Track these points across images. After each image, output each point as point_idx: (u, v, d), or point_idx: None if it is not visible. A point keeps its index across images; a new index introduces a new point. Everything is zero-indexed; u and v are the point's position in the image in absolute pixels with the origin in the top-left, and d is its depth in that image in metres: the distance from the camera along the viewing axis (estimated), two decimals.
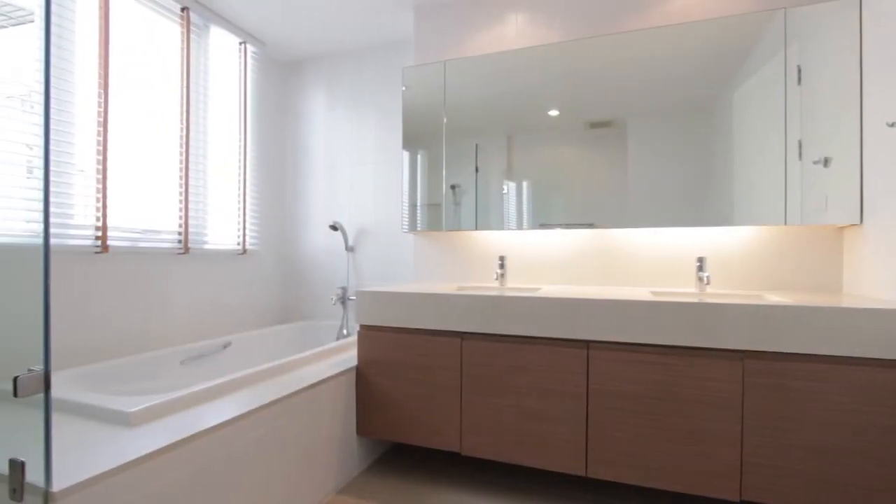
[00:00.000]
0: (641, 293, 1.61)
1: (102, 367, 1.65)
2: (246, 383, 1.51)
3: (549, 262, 2.03)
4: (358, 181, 2.62)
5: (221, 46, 2.36)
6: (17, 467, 0.86)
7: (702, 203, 1.74)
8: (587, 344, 1.46)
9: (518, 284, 2.04)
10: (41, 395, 0.86)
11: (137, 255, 1.93)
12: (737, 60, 1.70)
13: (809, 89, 1.61)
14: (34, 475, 0.87)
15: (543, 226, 1.97)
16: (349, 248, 2.60)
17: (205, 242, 2.24)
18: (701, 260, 1.69)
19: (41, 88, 1.58)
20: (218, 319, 2.34)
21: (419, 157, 2.21)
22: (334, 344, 2.01)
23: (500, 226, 2.04)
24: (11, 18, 1.63)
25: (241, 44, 2.44)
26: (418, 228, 2.21)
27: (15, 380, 0.80)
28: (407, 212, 2.23)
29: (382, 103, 2.56)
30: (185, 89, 2.11)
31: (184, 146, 2.11)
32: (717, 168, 1.72)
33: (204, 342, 2.09)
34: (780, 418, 1.27)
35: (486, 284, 2.06)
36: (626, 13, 1.91)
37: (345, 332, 2.49)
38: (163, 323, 2.04)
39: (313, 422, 1.53)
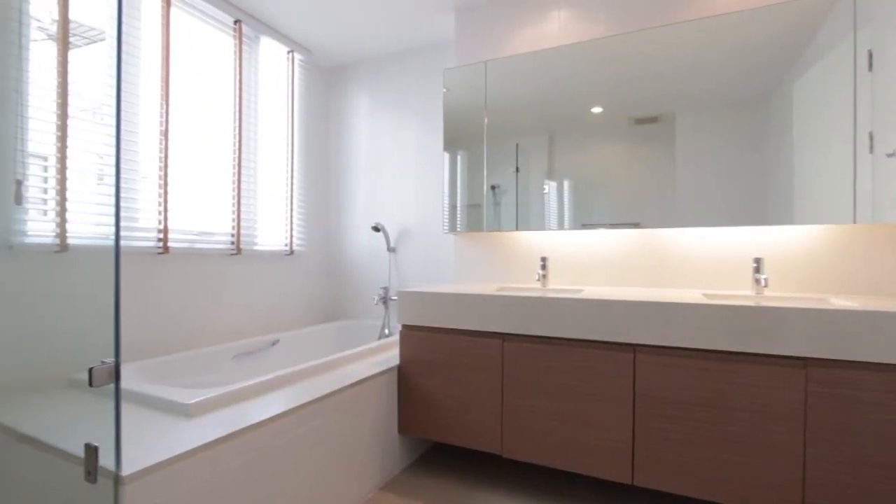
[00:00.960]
0: (693, 295, 1.54)
1: (163, 361, 1.76)
2: (294, 379, 1.56)
3: (592, 262, 1.98)
4: (399, 183, 2.66)
5: (271, 56, 2.46)
6: (92, 451, 0.94)
7: (758, 201, 1.64)
8: (634, 348, 1.41)
9: (560, 285, 2.01)
10: (112, 386, 0.93)
11: (194, 256, 2.04)
12: (797, 48, 1.59)
13: (882, 76, 1.48)
14: (105, 459, 0.95)
15: (586, 226, 1.92)
16: (391, 249, 2.64)
17: (255, 244, 2.35)
18: (758, 261, 1.60)
19: (110, 102, 1.71)
20: (267, 317, 2.44)
21: (459, 157, 2.22)
22: (376, 343, 2.04)
23: (541, 226, 2.02)
24: (85, 38, 1.77)
25: (288, 52, 2.54)
26: (458, 229, 2.21)
27: (90, 371, 0.87)
28: (447, 213, 2.24)
29: (423, 105, 2.59)
30: (237, 98, 2.22)
31: (236, 152, 2.21)
32: (776, 163, 1.62)
33: (254, 339, 2.19)
34: (851, 432, 1.18)
35: (527, 285, 2.04)
36: (675, 4, 1.83)
37: (386, 331, 2.53)
38: (216, 320, 2.15)
39: (357, 419, 1.57)
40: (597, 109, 1.90)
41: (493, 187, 2.14)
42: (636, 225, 1.83)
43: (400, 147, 2.66)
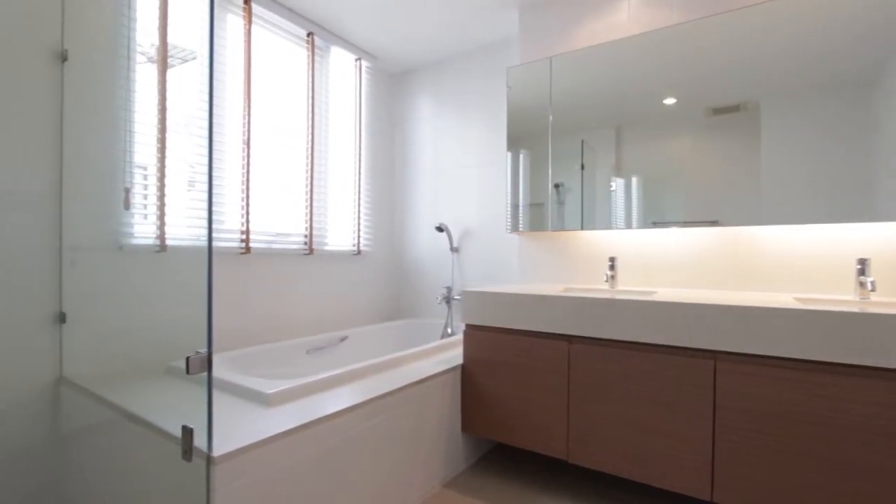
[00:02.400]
0: (783, 299, 1.41)
1: (244, 352, 1.90)
2: (362, 375, 1.62)
3: (664, 263, 1.87)
4: (462, 183, 2.68)
5: (340, 64, 2.58)
6: (188, 433, 1.03)
7: (863, 193, 1.47)
8: (714, 355, 1.32)
9: (630, 287, 1.92)
10: (205, 374, 1.02)
11: (272, 256, 2.19)
12: None
13: None
14: (198, 440, 1.04)
15: (656, 224, 1.82)
16: (454, 249, 2.66)
17: (325, 244, 2.47)
18: (863, 262, 1.43)
19: (200, 115, 1.87)
20: (336, 314, 2.56)
21: (521, 156, 2.19)
22: (440, 342, 2.07)
23: (608, 225, 1.94)
24: (178, 58, 1.96)
25: (356, 60, 2.64)
26: (521, 229, 2.19)
27: (187, 360, 0.96)
28: (510, 212, 2.22)
29: (486, 105, 2.58)
30: (310, 106, 2.35)
31: (309, 157, 2.34)
32: (884, 151, 1.44)
33: (324, 335, 2.30)
34: None
35: (594, 286, 1.97)
36: None
37: (449, 330, 2.55)
38: (291, 316, 2.29)
39: (421, 415, 1.60)
40: (670, 101, 1.80)
41: (556, 185, 2.09)
42: (714, 223, 1.71)
43: (463, 148, 2.68)
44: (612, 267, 1.87)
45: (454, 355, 1.96)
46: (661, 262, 1.88)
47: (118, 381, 1.50)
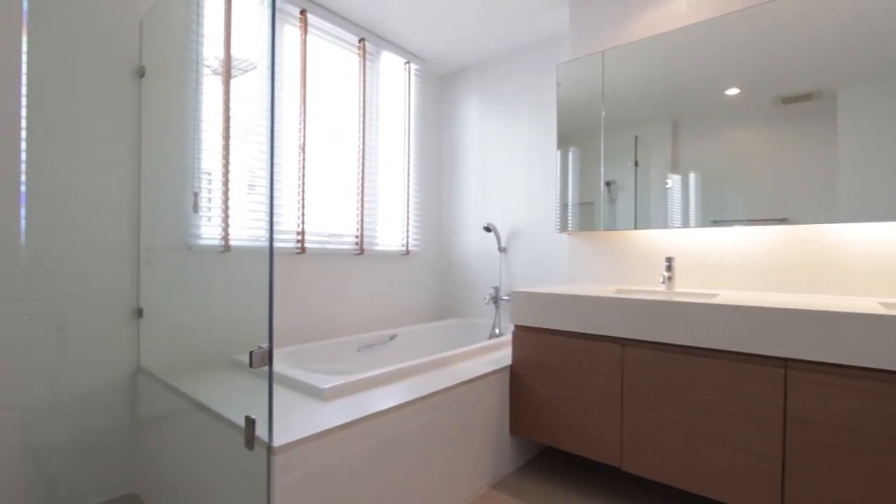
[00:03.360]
0: (866, 304, 1.29)
1: (299, 348, 1.99)
2: (412, 373, 1.65)
3: (727, 264, 1.76)
4: (510, 183, 2.66)
5: (390, 68, 2.64)
6: (251, 423, 1.09)
7: None
8: (785, 362, 1.23)
9: (688, 289, 1.83)
10: (265, 368, 1.08)
11: (325, 256, 2.27)
12: None
13: None
14: (259, 431, 1.10)
15: (717, 223, 1.72)
16: (502, 249, 2.65)
17: (376, 244, 2.53)
18: None
19: (259, 122, 1.98)
20: (386, 313, 2.61)
21: (571, 154, 2.14)
22: (488, 342, 2.07)
23: (663, 224, 1.85)
24: (239, 69, 2.07)
25: (405, 63, 2.69)
26: (570, 228, 2.14)
27: (251, 354, 1.02)
28: (562, 212, 2.18)
29: (535, 104, 2.55)
30: (361, 110, 2.42)
31: (360, 160, 2.41)
32: None
33: (374, 333, 2.36)
34: None
35: (649, 288, 1.90)
36: None
37: (497, 331, 2.54)
38: (342, 314, 2.37)
39: (470, 415, 1.60)
40: (732, 91, 1.69)
41: (608, 184, 2.02)
42: (782, 221, 1.59)
43: (510, 147, 2.66)
44: (668, 268, 1.79)
45: (502, 356, 1.95)
46: (723, 263, 1.78)
47: (187, 372, 1.61)
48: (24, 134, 1.43)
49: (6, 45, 1.40)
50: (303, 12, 2.14)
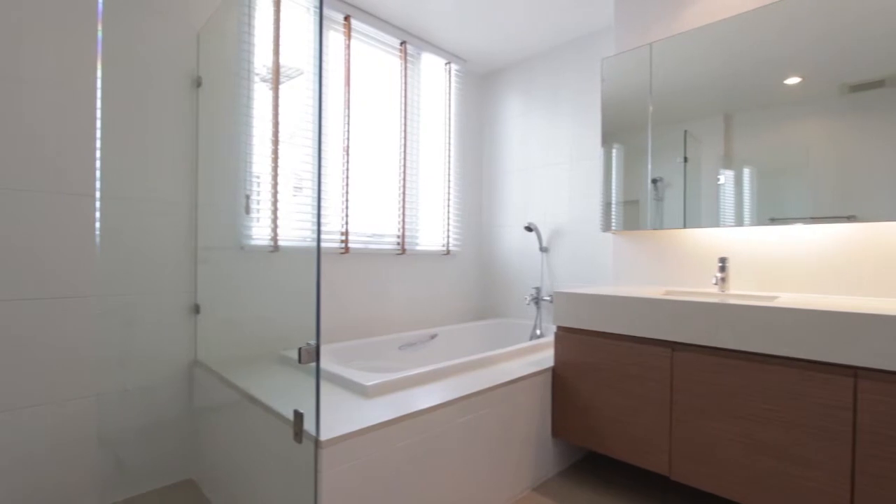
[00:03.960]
0: None
1: (342, 345, 2.04)
2: (453, 372, 1.66)
3: (787, 264, 1.66)
4: (552, 182, 2.61)
5: (430, 69, 2.66)
6: (299, 417, 1.13)
7: None
8: (855, 371, 1.14)
9: (743, 291, 1.73)
10: (312, 364, 1.11)
11: (367, 256, 2.32)
12: None
13: None
14: (307, 424, 1.13)
15: (775, 221, 1.62)
16: (543, 249, 2.61)
17: (417, 244, 2.56)
18: None
19: (305, 126, 2.04)
20: (426, 312, 2.64)
21: (615, 151, 2.08)
22: (529, 343, 2.04)
23: (715, 222, 1.77)
24: (286, 76, 2.15)
25: (446, 64, 2.70)
26: (614, 228, 2.08)
27: (299, 350, 1.05)
28: (606, 210, 2.12)
29: (577, 101, 2.50)
30: (402, 111, 2.45)
31: (401, 161, 2.45)
32: None
33: (415, 332, 2.39)
34: None
35: (700, 289, 1.81)
36: None
37: (538, 332, 2.51)
38: (384, 312, 2.41)
39: (512, 416, 1.59)
40: (792, 80, 1.59)
41: (654, 181, 1.95)
42: (850, 218, 1.47)
43: (552, 145, 2.62)
44: (722, 268, 1.70)
45: (544, 357, 1.92)
46: (781, 264, 1.67)
47: (239, 365, 1.69)
48: (98, 143, 1.56)
49: (84, 66, 1.53)
50: (346, 18, 2.19)
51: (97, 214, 1.56)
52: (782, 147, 1.61)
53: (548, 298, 2.55)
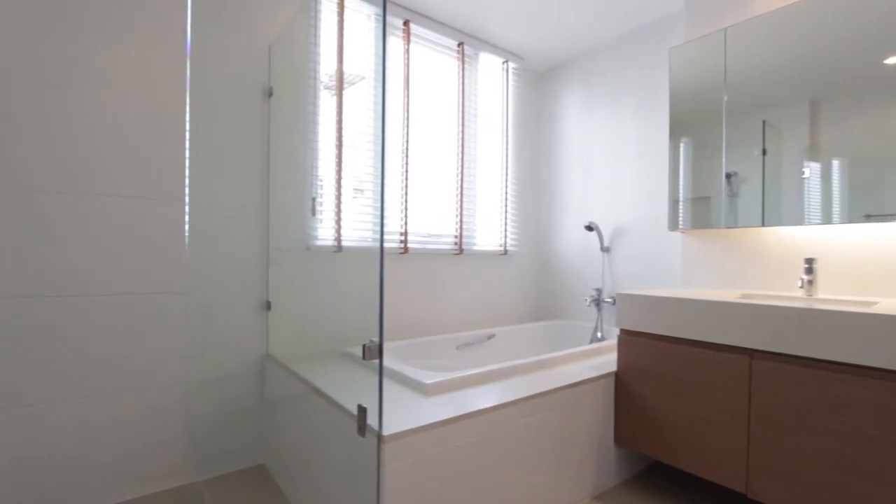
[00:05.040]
0: None
1: (401, 343, 2.08)
2: (512, 373, 1.64)
3: (885, 266, 1.48)
4: (614, 179, 2.52)
5: (488, 69, 2.65)
6: (363, 412, 1.17)
7: None
8: None
9: (834, 295, 1.57)
10: (375, 360, 1.15)
11: (425, 256, 2.36)
12: None
13: None
14: (369, 419, 1.17)
15: (871, 217, 1.45)
16: (604, 249, 2.52)
17: (474, 244, 2.56)
18: None
19: (366, 130, 2.11)
20: (483, 313, 2.63)
21: (682, 146, 1.97)
22: (590, 346, 1.98)
23: (799, 220, 1.62)
24: (347, 82, 2.23)
25: (503, 63, 2.69)
26: (681, 226, 1.97)
27: (364, 347, 1.09)
28: (673, 208, 2.01)
29: (641, 94, 2.39)
30: (460, 112, 2.46)
31: (459, 161, 2.46)
32: None
33: (473, 332, 2.39)
34: None
35: (782, 293, 1.67)
36: None
37: (599, 334, 2.43)
38: (441, 312, 2.43)
39: (572, 421, 1.55)
40: (893, 59, 1.42)
41: (728, 176, 1.82)
42: None
43: (614, 141, 2.52)
44: (809, 270, 1.56)
45: (605, 361, 1.85)
46: (880, 266, 1.50)
47: (306, 360, 1.78)
48: (188, 153, 1.70)
49: (174, 84, 1.68)
50: (406, 23, 2.24)
51: (186, 219, 1.70)
52: (880, 135, 1.45)
53: (609, 300, 2.46)
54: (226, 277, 1.82)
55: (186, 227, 1.70)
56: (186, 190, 1.70)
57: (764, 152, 1.72)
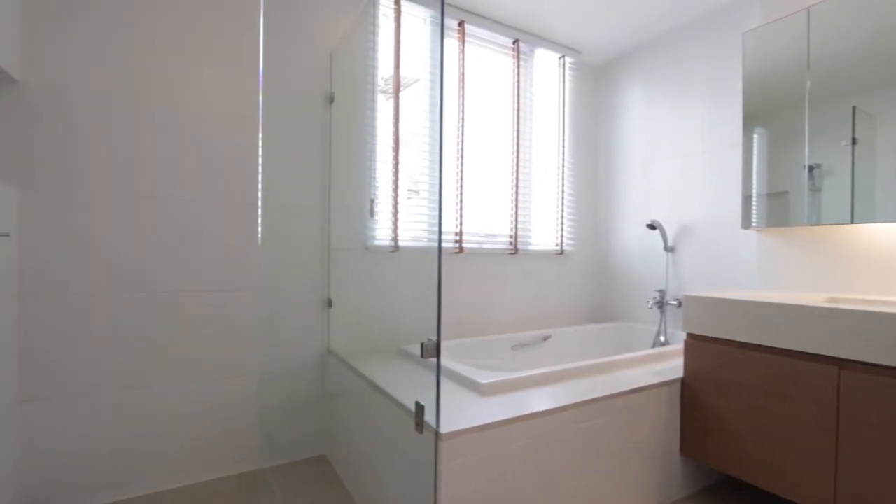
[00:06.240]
0: None
1: (456, 343, 2.09)
2: (570, 376, 1.60)
3: None
4: (679, 174, 2.39)
5: (543, 65, 2.60)
6: (420, 409, 1.19)
7: None
8: None
9: None
10: (432, 359, 1.16)
11: (480, 255, 2.35)
12: None
13: None
14: (426, 416, 1.19)
15: None
16: (668, 248, 2.39)
17: (529, 244, 2.53)
18: None
19: (421, 131, 2.14)
20: (539, 313, 2.59)
21: (756, 137, 1.83)
22: (653, 350, 1.89)
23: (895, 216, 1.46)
24: (403, 85, 2.27)
25: (560, 58, 2.63)
26: (755, 224, 1.83)
27: (422, 345, 1.11)
28: (746, 204, 1.88)
29: (709, 84, 2.24)
30: (515, 110, 2.44)
31: (514, 159, 2.44)
32: None
33: (528, 333, 2.36)
34: None
35: (877, 297, 1.51)
36: None
37: (662, 338, 2.31)
38: (496, 312, 2.42)
39: (633, 428, 1.49)
40: None
41: (811, 168, 1.68)
42: None
43: (680, 135, 2.39)
44: None
45: (670, 367, 1.76)
46: None
47: (364, 356, 1.83)
48: (261, 160, 1.82)
49: (248, 94, 1.79)
50: (461, 23, 2.24)
51: (259, 220, 1.82)
52: None
53: (674, 302, 2.33)
54: (291, 276, 1.92)
55: (259, 228, 1.82)
56: (259, 194, 1.81)
57: (854, 141, 1.57)
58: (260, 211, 1.82)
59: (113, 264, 1.60)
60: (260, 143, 1.82)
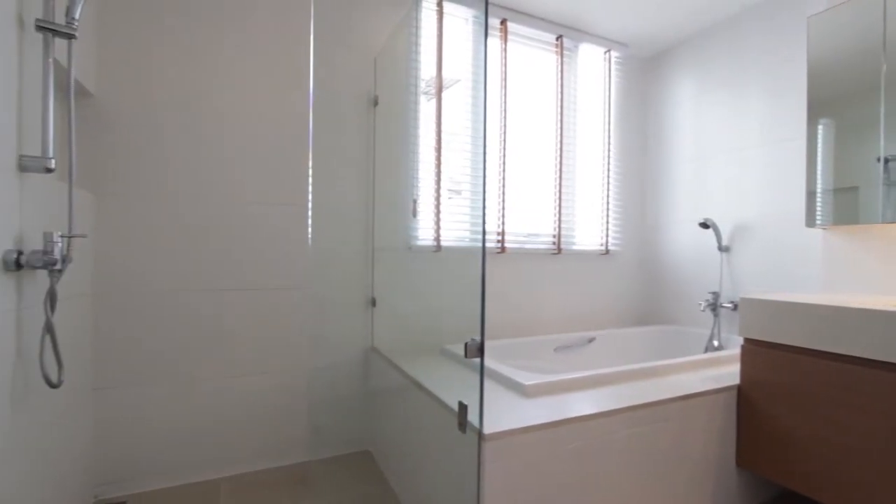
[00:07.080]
0: None
1: (498, 343, 2.09)
2: (616, 380, 1.55)
3: None
4: (734, 170, 2.26)
5: (588, 60, 2.54)
6: (464, 409, 1.19)
7: None
8: None
9: None
10: (475, 359, 1.16)
11: (523, 255, 2.33)
12: None
13: None
14: (469, 416, 1.19)
15: None
16: (723, 248, 2.27)
17: (573, 244, 2.47)
18: None
19: (463, 132, 2.14)
20: (583, 314, 2.53)
21: (821, 128, 1.71)
22: (706, 355, 1.81)
23: None
24: (445, 86, 2.28)
25: (605, 52, 2.55)
26: (820, 222, 1.70)
27: (465, 345, 1.11)
28: (811, 201, 1.75)
29: (768, 74, 2.11)
30: (559, 108, 2.39)
31: (558, 159, 2.39)
32: None
33: (572, 334, 2.31)
34: None
35: None
36: None
37: (715, 343, 2.20)
38: (539, 312, 2.39)
39: (686, 436, 1.43)
40: None
41: (886, 161, 1.54)
42: None
43: (735, 129, 2.26)
44: None
45: (725, 373, 1.67)
46: None
47: (407, 354, 1.86)
48: (311, 164, 1.89)
49: (300, 101, 1.87)
50: (503, 22, 2.23)
51: (309, 221, 1.89)
52: None
53: (729, 305, 2.22)
54: (337, 275, 1.97)
55: (309, 230, 1.89)
56: (310, 196, 1.88)
57: None
58: (310, 213, 1.88)
59: (178, 264, 1.71)
60: (310, 149, 1.89)
